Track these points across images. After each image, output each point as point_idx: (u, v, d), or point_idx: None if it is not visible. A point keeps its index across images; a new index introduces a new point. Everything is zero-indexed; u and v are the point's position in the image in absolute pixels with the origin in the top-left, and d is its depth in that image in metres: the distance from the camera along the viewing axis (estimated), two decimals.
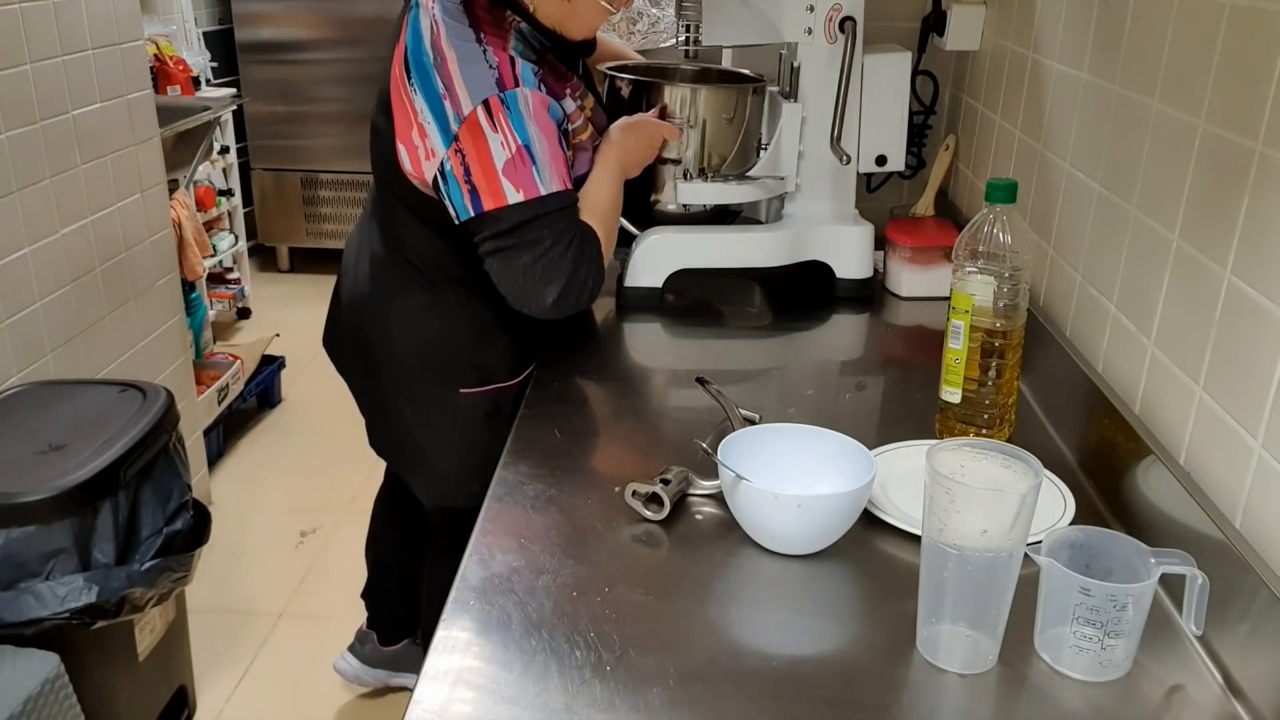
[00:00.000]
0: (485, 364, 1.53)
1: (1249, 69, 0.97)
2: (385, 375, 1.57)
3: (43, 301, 2.09)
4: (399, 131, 1.37)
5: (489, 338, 1.52)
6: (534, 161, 1.31)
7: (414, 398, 1.56)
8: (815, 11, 1.62)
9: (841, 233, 1.69)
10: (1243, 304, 0.97)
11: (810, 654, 0.92)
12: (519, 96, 1.31)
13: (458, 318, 1.51)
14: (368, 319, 1.57)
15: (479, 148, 1.30)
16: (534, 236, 1.33)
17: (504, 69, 1.33)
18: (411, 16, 1.38)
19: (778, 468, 1.08)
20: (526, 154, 1.31)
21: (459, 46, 1.33)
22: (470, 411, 1.53)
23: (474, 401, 1.53)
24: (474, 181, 1.31)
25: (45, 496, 1.53)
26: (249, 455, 3.19)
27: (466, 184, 1.32)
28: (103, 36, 2.28)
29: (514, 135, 1.30)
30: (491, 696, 0.85)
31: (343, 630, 2.40)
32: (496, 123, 1.30)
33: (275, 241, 4.60)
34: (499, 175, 1.30)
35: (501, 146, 1.30)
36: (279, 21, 4.27)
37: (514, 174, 1.30)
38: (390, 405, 1.60)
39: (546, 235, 1.33)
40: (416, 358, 1.53)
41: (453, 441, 1.55)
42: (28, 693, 1.46)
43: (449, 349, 1.52)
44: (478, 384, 1.52)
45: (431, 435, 1.56)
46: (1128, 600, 0.86)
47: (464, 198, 1.32)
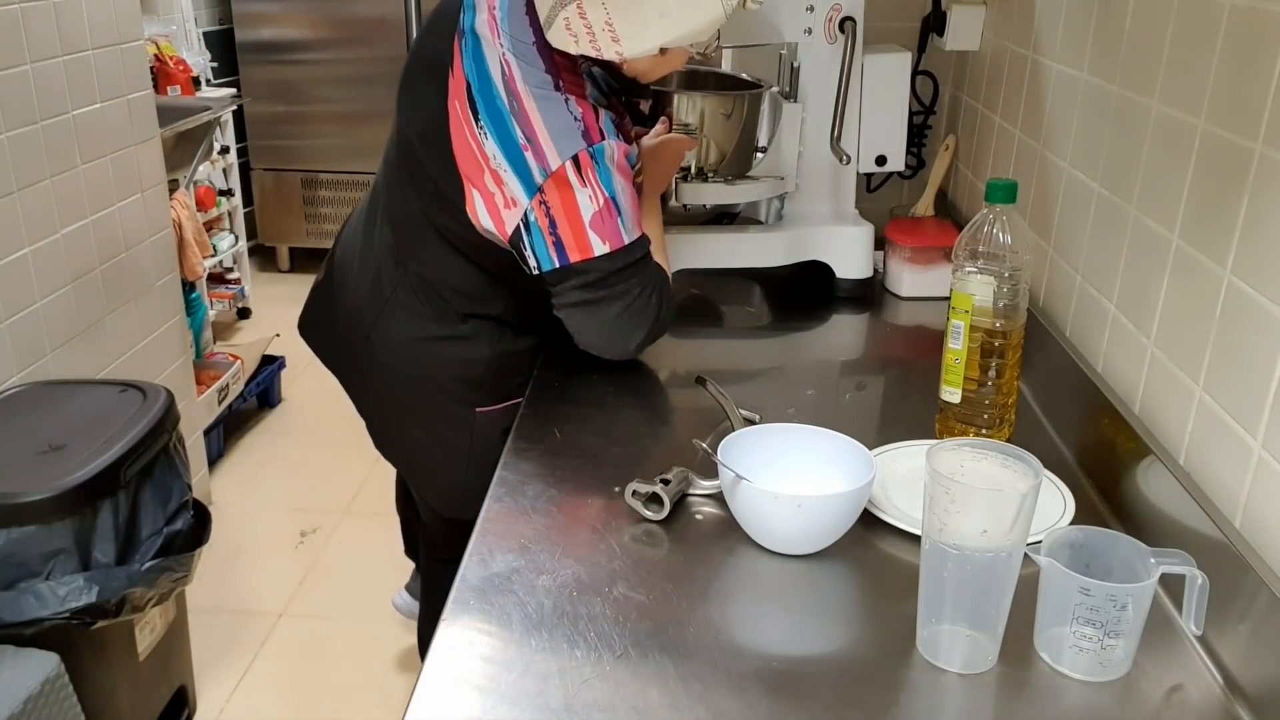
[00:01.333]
0: (502, 384, 1.52)
1: (1249, 69, 0.97)
2: (393, 394, 1.56)
3: (43, 301, 2.09)
4: (466, 174, 1.33)
5: (508, 364, 1.51)
6: (619, 213, 1.30)
7: (424, 418, 1.55)
8: (815, 11, 1.62)
9: (841, 233, 1.69)
10: (1243, 304, 0.97)
11: (810, 654, 0.92)
12: (605, 150, 1.29)
13: (478, 348, 1.49)
14: (375, 336, 1.53)
15: (566, 201, 1.28)
16: (624, 287, 1.32)
17: (589, 121, 1.29)
18: (468, 45, 1.32)
19: (778, 468, 1.08)
20: (613, 206, 1.29)
21: (539, 96, 1.29)
22: (487, 429, 1.52)
23: (490, 419, 1.52)
24: (559, 234, 1.29)
25: (45, 496, 1.53)
26: (249, 455, 3.19)
27: (551, 235, 1.29)
28: (103, 36, 2.28)
29: (602, 189, 1.29)
30: (491, 696, 0.85)
31: (343, 630, 2.40)
32: (585, 178, 1.28)
33: (275, 241, 4.60)
34: (586, 229, 1.29)
35: (590, 200, 1.28)
36: (279, 21, 4.27)
37: (601, 227, 1.29)
38: (397, 421, 1.59)
39: (635, 285, 1.33)
40: (427, 381, 1.52)
41: (469, 458, 1.53)
42: (28, 692, 1.46)
43: (465, 375, 1.50)
44: (494, 402, 1.52)
45: (444, 452, 1.55)
46: (1127, 600, 0.86)
47: (548, 250, 1.30)
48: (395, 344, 1.52)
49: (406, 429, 1.58)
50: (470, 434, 1.53)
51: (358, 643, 2.34)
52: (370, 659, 2.27)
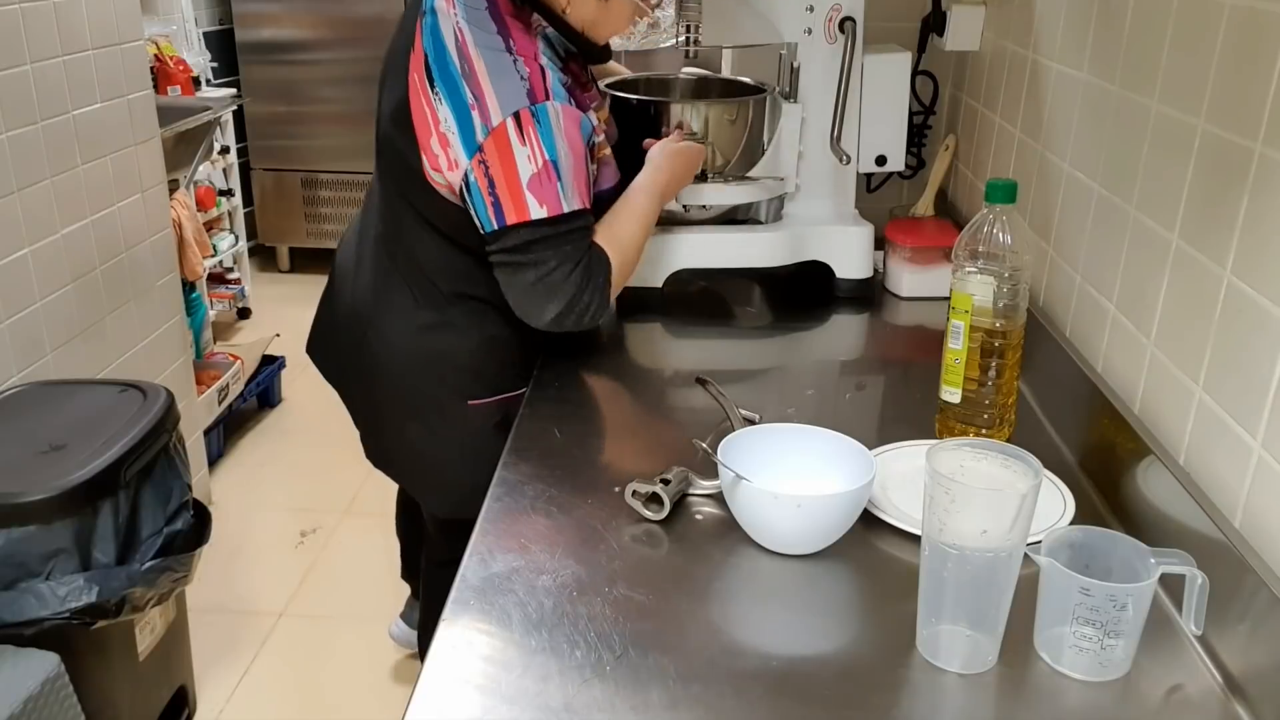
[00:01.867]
0: (494, 375, 1.51)
1: (1249, 69, 0.97)
2: (390, 390, 1.55)
3: (43, 301, 2.09)
4: (421, 141, 1.35)
5: (497, 351, 1.50)
6: (559, 178, 1.30)
7: (421, 413, 1.54)
8: (815, 12, 1.62)
9: (841, 233, 1.69)
10: (1243, 304, 0.97)
11: (810, 654, 0.92)
12: (550, 110, 1.30)
13: (467, 333, 1.49)
14: (371, 333, 1.54)
15: (505, 161, 1.29)
16: (540, 257, 1.32)
17: (535, 81, 1.31)
18: (427, 22, 1.35)
19: (778, 468, 1.08)
20: (553, 170, 1.30)
21: (489, 56, 1.31)
22: (480, 422, 1.51)
23: (483, 413, 1.51)
24: (498, 194, 1.30)
25: (45, 496, 1.53)
26: (249, 455, 3.19)
27: (490, 196, 1.30)
28: (103, 36, 2.28)
29: (542, 149, 1.29)
30: (491, 696, 0.85)
31: (343, 630, 2.40)
32: (526, 136, 1.29)
33: (275, 241, 4.60)
34: (524, 190, 1.29)
35: (529, 160, 1.29)
36: (279, 21, 4.27)
37: (539, 189, 1.29)
38: (395, 420, 1.58)
39: (552, 257, 1.32)
40: (424, 373, 1.51)
41: (463, 454, 1.53)
42: (28, 692, 1.46)
43: (458, 364, 1.50)
44: (486, 395, 1.51)
45: (441, 449, 1.55)
46: (1127, 600, 0.86)
47: (487, 210, 1.31)
48: (388, 337, 1.52)
49: (403, 428, 1.58)
50: (463, 428, 1.52)
51: (358, 643, 2.34)
52: (370, 659, 2.27)
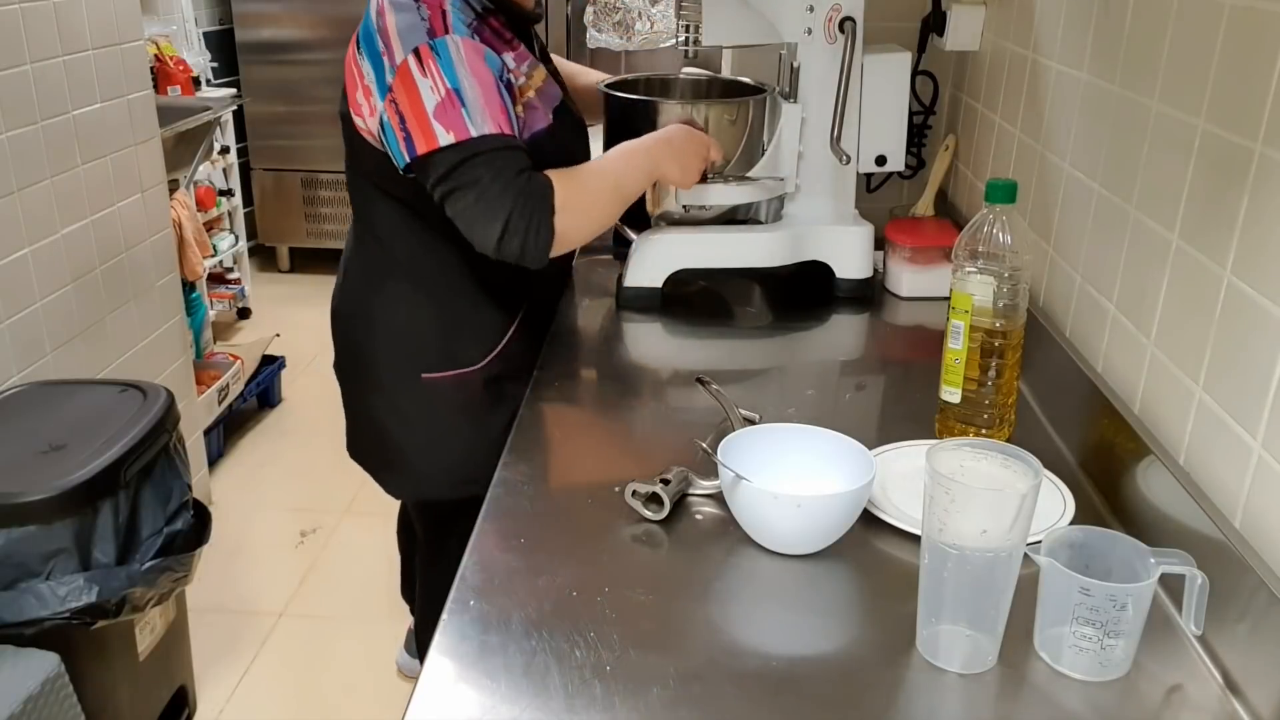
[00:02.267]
0: (450, 348, 1.52)
1: (1249, 69, 0.97)
2: (359, 366, 1.58)
3: (43, 301, 2.10)
4: (350, 101, 1.41)
5: (454, 322, 1.51)
6: (464, 104, 1.32)
7: (383, 387, 1.56)
8: (815, 12, 1.62)
9: (841, 233, 1.69)
10: (1243, 304, 0.97)
11: (810, 654, 0.92)
12: (448, 43, 1.33)
13: (422, 301, 1.51)
14: (344, 310, 1.59)
15: (410, 95, 1.32)
16: (472, 176, 1.33)
17: (434, 19, 1.35)
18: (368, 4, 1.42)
19: (778, 468, 1.08)
20: (456, 97, 1.32)
21: (396, 7, 1.36)
22: (437, 398, 1.52)
23: (439, 387, 1.52)
24: (408, 128, 1.33)
25: (46, 496, 1.53)
26: (249, 455, 3.19)
27: (402, 131, 1.33)
28: (103, 36, 2.28)
29: (443, 80, 1.32)
30: (492, 696, 0.85)
31: (343, 630, 2.41)
32: (426, 68, 1.32)
33: (275, 241, 4.60)
34: (430, 119, 1.32)
35: (431, 91, 1.32)
36: (279, 21, 4.27)
37: (444, 117, 1.32)
38: (364, 399, 1.60)
39: (484, 174, 1.33)
40: (383, 344, 1.54)
41: (421, 430, 1.54)
42: (28, 692, 1.46)
43: (413, 333, 1.52)
44: (441, 369, 1.51)
45: (401, 426, 1.56)
46: (1127, 600, 0.86)
47: (400, 145, 1.34)
48: (357, 309, 1.55)
49: (367, 407, 1.60)
50: (420, 405, 1.53)
51: (358, 643, 2.34)
52: (370, 659, 2.27)
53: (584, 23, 2.89)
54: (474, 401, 1.53)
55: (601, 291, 1.74)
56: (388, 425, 1.57)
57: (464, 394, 1.53)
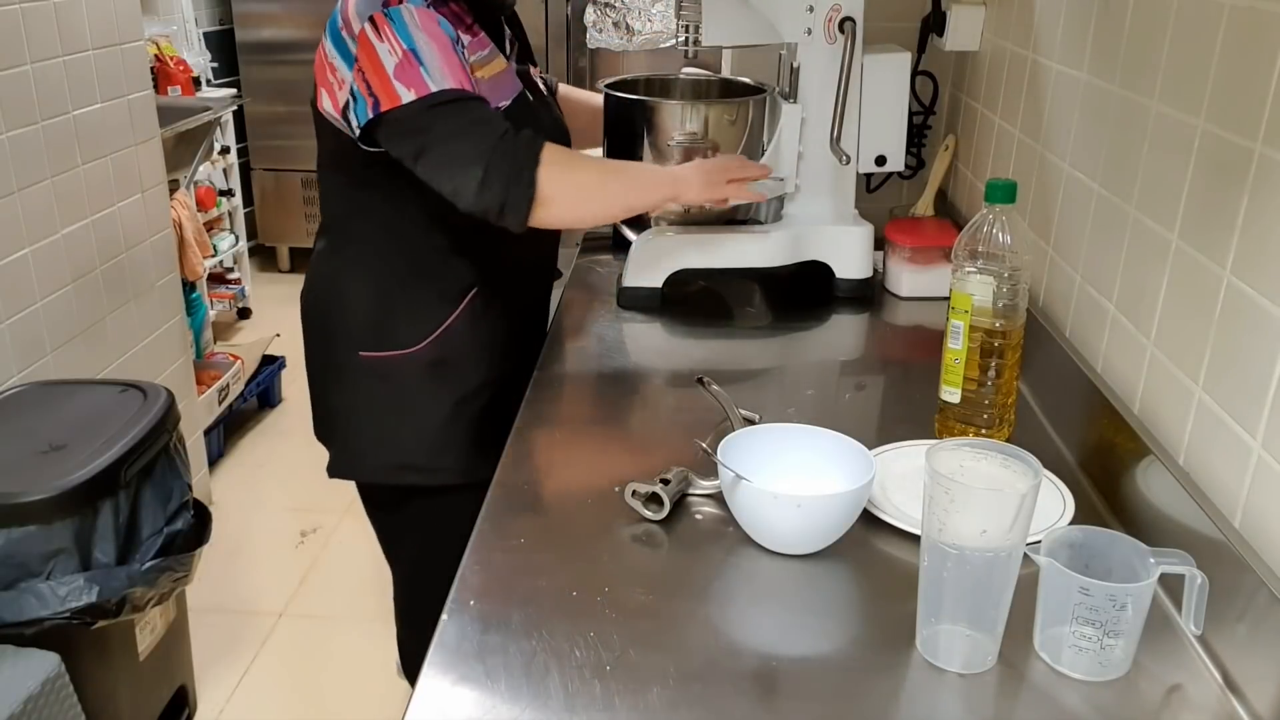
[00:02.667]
0: (384, 327, 1.50)
1: (1249, 69, 0.97)
2: (311, 344, 1.59)
3: (43, 301, 2.10)
4: (319, 82, 1.42)
5: (388, 299, 1.50)
6: (421, 64, 1.33)
7: (322, 363, 1.57)
8: (815, 12, 1.62)
9: (841, 233, 1.69)
10: (1242, 304, 0.97)
11: (810, 654, 0.92)
12: (403, 11, 1.34)
13: (358, 275, 1.51)
14: (305, 295, 1.60)
15: (371, 60, 1.33)
16: (442, 126, 1.33)
17: None
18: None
19: (778, 468, 1.08)
20: (413, 57, 1.32)
21: None
22: (374, 378, 1.51)
23: (376, 367, 1.51)
24: (374, 91, 1.33)
25: (46, 496, 1.53)
26: (249, 455, 3.19)
27: (369, 96, 1.34)
28: (103, 37, 2.28)
29: (399, 42, 1.33)
30: (492, 696, 0.85)
31: (343, 630, 2.41)
32: (382, 33, 1.33)
33: (275, 241, 4.60)
34: (391, 79, 1.32)
35: (390, 54, 1.33)
36: (279, 21, 4.27)
37: (404, 75, 1.32)
38: (312, 375, 1.61)
39: (454, 121, 1.33)
40: (323, 319, 1.55)
41: (355, 407, 1.54)
42: (28, 692, 1.46)
43: (351, 309, 1.51)
44: (375, 348, 1.50)
45: (339, 402, 1.56)
46: (1127, 600, 0.86)
47: (367, 107, 1.34)
48: (311, 292, 1.57)
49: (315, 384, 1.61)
50: (356, 382, 1.52)
51: (358, 643, 2.34)
52: (370, 659, 2.27)
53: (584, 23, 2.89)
54: (410, 385, 1.51)
55: (601, 291, 1.74)
56: (329, 402, 1.58)
57: (401, 376, 1.51)
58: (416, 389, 1.50)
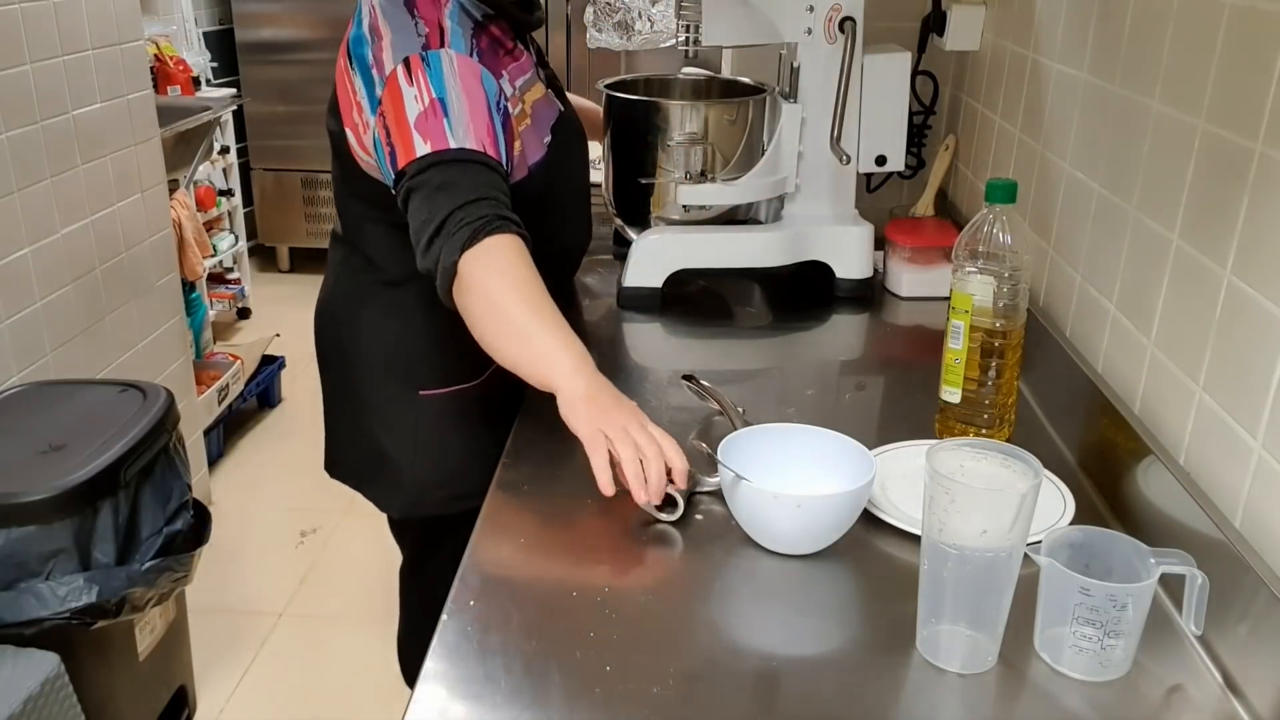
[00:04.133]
0: (445, 364, 1.48)
1: (1249, 69, 0.97)
2: (348, 381, 1.54)
3: (43, 301, 2.10)
4: (344, 118, 1.33)
5: (448, 336, 1.42)
6: (447, 115, 1.20)
7: (376, 403, 1.51)
8: (815, 11, 1.62)
9: (841, 233, 1.69)
10: (1243, 304, 0.97)
11: (810, 654, 0.92)
12: (442, 56, 1.23)
13: (415, 315, 1.45)
14: (330, 325, 1.54)
15: (395, 105, 1.22)
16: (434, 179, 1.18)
17: (432, 34, 1.26)
18: (355, 13, 1.36)
19: (778, 468, 1.08)
20: (440, 107, 1.21)
21: (390, 16, 1.29)
22: (433, 414, 1.49)
23: (436, 403, 1.48)
24: (393, 141, 1.22)
25: (45, 496, 1.53)
26: (249, 455, 3.19)
27: (388, 146, 1.22)
28: (103, 36, 2.28)
29: (429, 89, 1.21)
30: (492, 697, 0.85)
31: (343, 630, 2.41)
32: (414, 78, 1.22)
33: (275, 241, 4.60)
34: (411, 129, 1.20)
35: (416, 100, 1.21)
36: (279, 21, 4.27)
37: (424, 126, 1.20)
38: (351, 414, 1.55)
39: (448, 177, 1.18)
40: (376, 360, 1.50)
41: (416, 446, 1.50)
42: (28, 692, 1.46)
43: (408, 349, 1.48)
44: (438, 385, 1.48)
45: (394, 442, 1.51)
46: (1127, 600, 0.86)
47: (386, 160, 1.24)
48: (347, 325, 1.51)
49: (359, 424, 1.54)
50: (416, 419, 1.49)
51: (358, 643, 2.34)
52: (370, 659, 2.27)
53: (584, 23, 2.89)
54: (470, 417, 1.49)
55: (601, 291, 1.74)
56: (380, 441, 1.52)
57: (460, 410, 1.49)
58: (478, 421, 1.48)
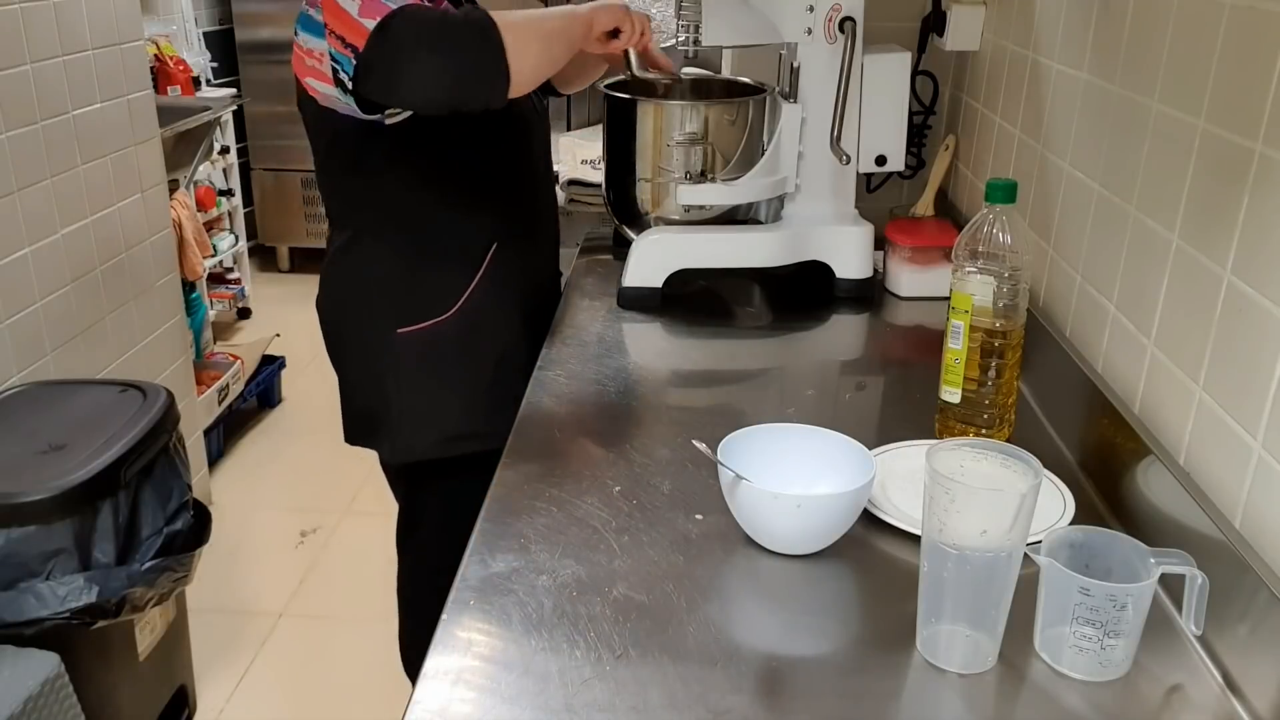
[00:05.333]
0: (416, 300, 1.53)
1: (1249, 69, 0.97)
2: (338, 340, 1.60)
3: (43, 301, 2.10)
4: (301, 78, 1.40)
5: (414, 273, 1.52)
6: None
7: (362, 354, 1.57)
8: (815, 12, 1.62)
9: (841, 233, 1.69)
10: (1243, 304, 0.97)
11: (810, 654, 0.92)
12: None
13: (378, 257, 1.52)
14: (321, 295, 1.61)
15: (335, 13, 1.30)
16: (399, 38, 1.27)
17: None
18: None
19: (778, 468, 1.08)
20: None
21: None
22: (410, 351, 1.53)
23: (412, 340, 1.53)
24: (348, 41, 1.29)
25: (46, 496, 1.53)
26: (249, 455, 3.19)
27: (344, 47, 1.30)
28: (103, 36, 2.28)
29: None
30: (491, 696, 0.85)
31: (343, 630, 2.41)
32: None
33: (275, 241, 4.60)
34: (356, 19, 1.28)
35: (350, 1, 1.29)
36: (279, 21, 4.27)
37: (367, 9, 1.28)
38: (346, 370, 1.61)
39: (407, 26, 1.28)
40: (351, 307, 1.56)
41: (400, 386, 1.55)
42: (28, 692, 1.46)
43: (378, 291, 1.53)
44: (413, 322, 1.52)
45: (382, 386, 1.56)
46: (1127, 600, 0.86)
47: (347, 58, 1.30)
48: (324, 283, 1.59)
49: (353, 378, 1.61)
50: (396, 358, 1.54)
51: (358, 643, 2.34)
52: (370, 659, 2.27)
53: None
54: (451, 353, 1.54)
55: (601, 291, 1.74)
56: (370, 391, 1.58)
57: (441, 345, 1.54)
58: (457, 356, 1.53)
